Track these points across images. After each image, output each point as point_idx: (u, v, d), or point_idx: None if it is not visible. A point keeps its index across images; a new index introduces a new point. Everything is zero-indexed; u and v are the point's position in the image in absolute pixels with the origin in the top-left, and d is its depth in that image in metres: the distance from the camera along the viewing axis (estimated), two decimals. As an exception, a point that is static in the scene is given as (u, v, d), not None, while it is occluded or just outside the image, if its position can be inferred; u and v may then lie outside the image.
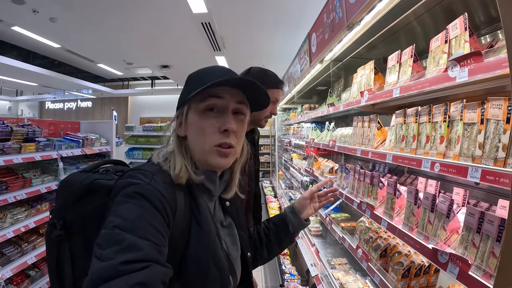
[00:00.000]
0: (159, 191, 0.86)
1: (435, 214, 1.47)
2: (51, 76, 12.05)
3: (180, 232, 0.90)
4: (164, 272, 0.75)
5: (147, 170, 0.93)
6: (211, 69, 1.05)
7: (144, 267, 0.70)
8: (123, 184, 0.87)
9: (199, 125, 0.99)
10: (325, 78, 4.30)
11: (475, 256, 1.17)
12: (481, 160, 1.19)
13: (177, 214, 0.89)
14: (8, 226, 3.39)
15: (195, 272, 0.91)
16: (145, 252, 0.73)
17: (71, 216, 0.95)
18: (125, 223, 0.76)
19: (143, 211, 0.80)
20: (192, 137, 1.01)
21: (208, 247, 0.94)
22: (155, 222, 0.80)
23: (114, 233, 0.74)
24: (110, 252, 0.71)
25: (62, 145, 4.23)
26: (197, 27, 6.53)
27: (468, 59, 1.19)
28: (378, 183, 2.15)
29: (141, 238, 0.74)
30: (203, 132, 0.98)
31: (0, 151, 3.29)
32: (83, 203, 0.96)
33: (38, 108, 19.08)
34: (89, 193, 0.96)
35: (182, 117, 1.03)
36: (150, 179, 0.88)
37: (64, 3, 6.02)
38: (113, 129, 5.55)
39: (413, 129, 1.74)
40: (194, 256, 0.91)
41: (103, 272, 0.67)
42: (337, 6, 2.45)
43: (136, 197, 0.82)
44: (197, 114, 0.99)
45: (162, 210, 0.84)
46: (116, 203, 0.82)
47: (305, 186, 4.90)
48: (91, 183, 0.97)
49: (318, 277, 3.08)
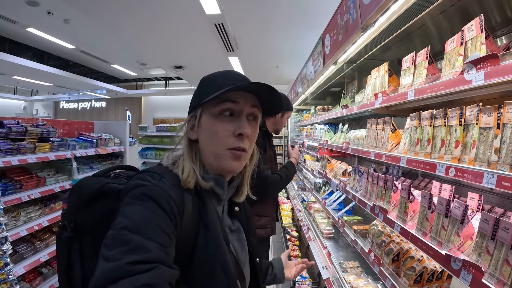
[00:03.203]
0: (167, 193, 0.86)
1: (449, 220, 1.45)
2: (66, 77, 12.25)
3: (187, 234, 0.90)
4: (170, 274, 0.75)
5: (155, 172, 0.93)
6: (225, 74, 1.06)
7: (151, 268, 0.70)
8: (131, 185, 0.87)
9: (214, 129, 0.99)
10: (339, 80, 4.28)
11: (488, 264, 1.15)
12: (497, 165, 1.16)
13: (185, 217, 0.90)
14: (22, 224, 3.45)
15: (202, 275, 0.91)
16: (152, 254, 0.73)
17: (81, 219, 0.96)
18: (132, 224, 0.76)
19: (150, 212, 0.81)
20: (205, 140, 1.02)
21: (215, 250, 0.94)
22: (162, 223, 0.80)
23: (121, 234, 0.74)
24: (117, 252, 0.71)
25: (76, 145, 4.29)
26: (210, 28, 6.55)
27: (485, 62, 1.17)
28: (392, 187, 2.12)
29: (148, 239, 0.75)
30: (218, 135, 0.99)
31: (15, 150, 3.34)
32: (93, 206, 0.96)
33: (53, 108, 19.42)
34: (99, 197, 0.97)
35: (195, 120, 1.03)
36: (158, 180, 0.89)
37: (78, 5, 6.12)
38: (127, 129, 5.59)
39: (428, 132, 1.71)
40: (200, 259, 0.91)
41: (110, 272, 0.67)
42: (351, 7, 2.43)
43: (143, 199, 0.82)
44: (212, 118, 1.00)
45: (169, 212, 0.84)
46: (124, 204, 0.83)
47: (318, 188, 4.86)
48: (101, 186, 0.97)
49: (330, 280, 3.05)
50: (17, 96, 17.56)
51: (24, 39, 9.96)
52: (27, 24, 8.26)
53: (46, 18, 7.56)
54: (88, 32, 8.58)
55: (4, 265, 2.71)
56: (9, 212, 3.33)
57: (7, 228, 2.92)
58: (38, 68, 10.68)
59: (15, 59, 9.47)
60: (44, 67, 10.91)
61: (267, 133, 2.88)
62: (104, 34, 8.62)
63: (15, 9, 7.22)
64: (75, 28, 8.24)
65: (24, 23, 8.16)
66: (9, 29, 8.76)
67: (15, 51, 9.94)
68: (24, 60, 9.92)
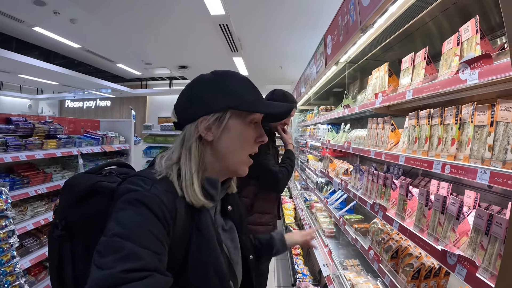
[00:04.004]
0: (160, 199, 0.84)
1: (445, 216, 1.48)
2: (71, 76, 12.31)
3: (180, 240, 0.89)
4: (164, 281, 0.75)
5: (147, 176, 0.91)
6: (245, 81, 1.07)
7: (144, 276, 0.70)
8: (123, 190, 0.86)
9: (245, 135, 1.03)
10: (341, 80, 4.31)
11: (483, 258, 1.17)
12: (490, 162, 1.20)
13: (177, 222, 0.88)
14: (29, 218, 3.51)
15: (195, 279, 0.90)
16: (145, 261, 0.72)
17: (73, 217, 0.95)
18: (124, 231, 0.75)
19: (142, 218, 0.79)
20: (229, 145, 1.01)
21: (209, 254, 0.93)
22: (155, 230, 0.79)
23: (113, 241, 0.74)
24: (110, 260, 0.70)
25: (82, 142, 4.35)
26: (215, 28, 6.60)
27: (479, 62, 1.20)
28: (391, 185, 2.15)
29: (141, 246, 0.74)
30: (246, 142, 1.03)
31: (23, 146, 3.40)
32: (85, 204, 0.95)
33: (58, 107, 19.52)
34: (91, 195, 0.95)
35: (218, 121, 0.99)
36: (151, 186, 0.87)
37: (84, 5, 6.18)
38: (132, 127, 5.63)
39: (426, 131, 1.75)
40: (194, 263, 0.90)
41: (103, 281, 0.67)
42: (351, 9, 2.47)
43: (135, 204, 0.81)
44: (244, 124, 1.02)
45: (162, 218, 0.82)
46: (116, 210, 0.81)
47: (320, 187, 4.89)
48: (93, 184, 0.96)
49: (330, 278, 3.09)
50: (23, 94, 17.61)
51: (31, 38, 10.04)
52: (33, 24, 8.33)
53: (53, 18, 7.63)
54: (94, 31, 8.65)
55: (11, 257, 2.76)
56: (16, 207, 3.39)
57: (14, 222, 2.98)
58: (44, 67, 10.74)
59: (22, 58, 9.53)
60: (50, 66, 10.96)
61: (270, 132, 2.88)
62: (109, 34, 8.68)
63: (22, 8, 7.29)
64: (81, 27, 8.31)
65: (30, 22, 8.23)
66: (16, 28, 8.84)
67: (22, 50, 10.00)
68: (30, 58, 9.98)
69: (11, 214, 2.83)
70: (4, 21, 8.24)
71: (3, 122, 3.58)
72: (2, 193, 2.81)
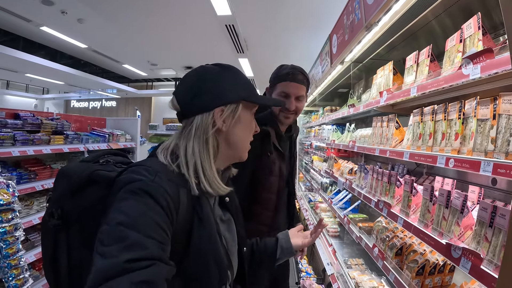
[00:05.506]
0: (164, 188, 0.85)
1: (449, 210, 1.49)
2: (77, 76, 12.31)
3: (182, 229, 0.89)
4: (167, 270, 0.76)
5: (150, 166, 0.91)
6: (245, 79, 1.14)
7: (148, 265, 0.70)
8: (126, 180, 0.85)
9: (252, 125, 1.12)
10: (346, 80, 4.32)
11: (487, 251, 1.18)
12: (493, 154, 1.21)
13: (180, 211, 0.89)
14: (35, 213, 3.56)
15: (196, 268, 0.91)
16: (149, 250, 0.73)
17: (69, 206, 0.93)
18: (128, 220, 0.75)
19: (147, 208, 0.80)
20: (239, 134, 1.07)
21: (209, 243, 0.94)
22: (159, 219, 0.80)
23: (118, 230, 0.73)
24: (114, 249, 0.70)
25: (89, 139, 4.42)
26: (221, 29, 6.62)
27: (481, 56, 1.22)
28: (396, 182, 2.16)
29: (145, 236, 0.74)
30: (251, 131, 1.13)
31: (31, 141, 3.46)
32: (82, 193, 0.93)
33: (64, 107, 19.56)
34: (89, 184, 0.94)
35: (232, 112, 1.03)
36: (154, 175, 0.86)
37: (92, 5, 6.23)
38: (138, 126, 5.69)
39: (430, 127, 1.76)
40: (195, 252, 0.91)
41: (107, 270, 0.67)
42: (356, 8, 2.50)
43: (140, 194, 0.81)
44: (250, 115, 1.11)
45: (166, 208, 0.83)
46: (119, 200, 0.81)
47: (325, 187, 4.90)
48: (91, 173, 0.94)
49: (334, 276, 3.10)
50: (29, 94, 17.61)
51: (38, 37, 10.06)
52: (41, 23, 8.35)
53: (60, 17, 7.65)
54: (101, 32, 8.67)
55: (16, 250, 2.79)
56: (22, 201, 3.43)
57: (20, 215, 3.01)
58: (51, 67, 10.73)
59: (28, 57, 9.52)
60: (56, 66, 10.96)
61: (268, 135, 1.96)
62: (116, 34, 8.71)
63: (30, 8, 7.32)
64: (88, 27, 8.34)
65: (38, 22, 8.26)
66: (23, 27, 8.88)
67: (28, 49, 10.01)
68: (37, 58, 9.98)
69: (18, 207, 2.86)
70: (12, 21, 8.28)
71: (12, 117, 3.64)
72: (10, 186, 2.85)
